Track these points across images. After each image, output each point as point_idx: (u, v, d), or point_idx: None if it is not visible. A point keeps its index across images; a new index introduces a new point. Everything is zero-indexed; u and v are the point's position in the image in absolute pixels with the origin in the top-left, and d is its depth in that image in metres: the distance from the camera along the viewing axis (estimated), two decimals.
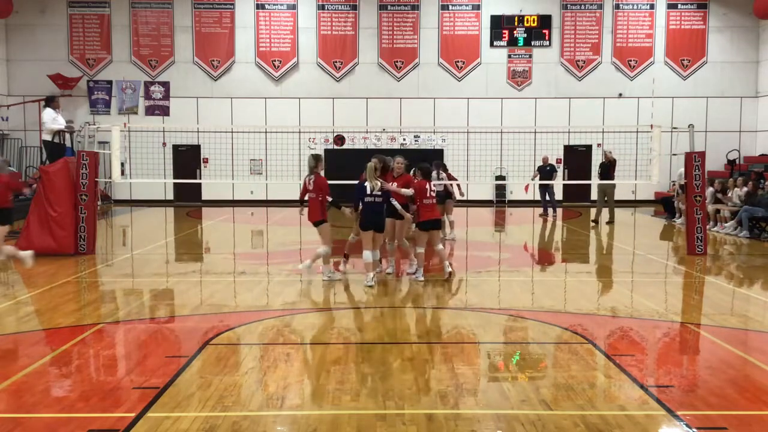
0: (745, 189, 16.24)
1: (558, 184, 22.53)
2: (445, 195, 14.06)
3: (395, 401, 5.10)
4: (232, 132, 23.93)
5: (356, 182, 9.94)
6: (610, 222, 18.09)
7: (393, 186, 9.87)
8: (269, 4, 25.48)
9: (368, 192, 9.49)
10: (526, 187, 21.85)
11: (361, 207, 9.54)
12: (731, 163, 23.49)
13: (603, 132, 24.00)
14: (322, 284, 9.72)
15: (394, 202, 9.71)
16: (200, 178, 24.97)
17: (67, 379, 5.77)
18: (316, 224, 9.77)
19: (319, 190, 9.63)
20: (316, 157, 9.87)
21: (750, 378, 5.78)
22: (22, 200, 19.69)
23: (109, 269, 11.27)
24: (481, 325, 7.48)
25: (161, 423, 4.66)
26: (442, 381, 5.57)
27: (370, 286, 9.35)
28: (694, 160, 12.66)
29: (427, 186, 9.84)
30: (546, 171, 20.23)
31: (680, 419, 4.79)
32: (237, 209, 23.63)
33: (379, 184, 9.52)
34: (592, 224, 18.08)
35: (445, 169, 14.81)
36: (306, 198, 9.82)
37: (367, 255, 9.55)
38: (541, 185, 20.42)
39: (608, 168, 18.15)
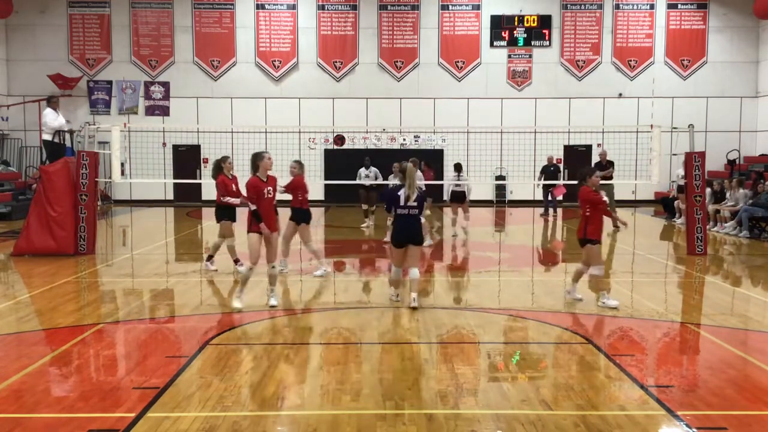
0: (742, 191, 16.22)
1: (558, 184, 22.46)
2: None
3: (395, 401, 5.10)
4: (232, 132, 23.88)
5: (355, 182, 9.84)
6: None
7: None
8: (269, 4, 25.47)
9: (402, 203, 8.11)
10: (560, 190, 20.91)
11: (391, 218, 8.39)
12: (731, 163, 23.48)
13: (603, 132, 23.98)
14: (322, 285, 9.70)
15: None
16: (200, 178, 24.93)
17: (67, 379, 5.77)
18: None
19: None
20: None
21: (750, 378, 5.78)
22: (22, 200, 19.74)
23: (109, 269, 11.27)
24: (481, 325, 7.48)
25: (161, 423, 4.67)
26: (442, 381, 5.57)
27: (396, 301, 8.37)
28: (694, 160, 12.66)
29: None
30: (551, 171, 20.22)
31: (680, 419, 4.79)
32: (237, 209, 23.59)
33: (416, 192, 8.16)
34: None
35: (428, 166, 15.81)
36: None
37: (395, 272, 8.32)
38: (544, 185, 20.38)
39: (606, 169, 17.72)
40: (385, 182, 15.37)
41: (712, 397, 5.26)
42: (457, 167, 15.46)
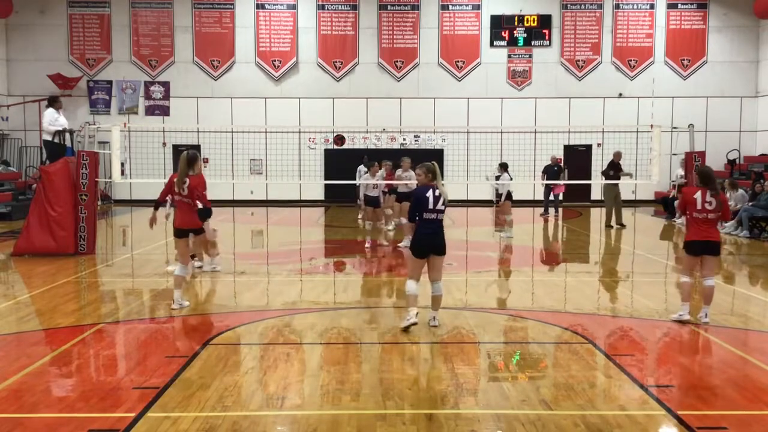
0: (737, 192, 16.22)
1: (560, 184, 22.47)
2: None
3: (395, 401, 5.10)
4: (232, 132, 23.91)
5: (354, 182, 9.75)
6: (622, 226, 17.25)
7: None
8: (269, 4, 25.47)
9: (431, 205, 7.06)
10: (560, 188, 20.86)
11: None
12: (731, 163, 23.48)
13: (603, 132, 23.98)
14: (321, 284, 9.71)
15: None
16: None
17: (67, 379, 5.77)
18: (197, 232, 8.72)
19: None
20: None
21: (750, 378, 5.78)
22: (22, 200, 19.73)
23: (109, 269, 11.27)
24: (481, 325, 7.48)
25: (161, 423, 4.67)
26: (442, 381, 5.57)
27: (408, 326, 7.10)
28: (694, 159, 12.66)
29: None
30: (554, 171, 20.21)
31: (680, 419, 4.79)
32: (237, 209, 23.62)
33: (447, 193, 7.22)
34: (609, 227, 17.12)
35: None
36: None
37: (411, 286, 7.17)
38: (546, 185, 20.37)
39: (617, 169, 17.64)
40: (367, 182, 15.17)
41: (712, 397, 5.26)
42: (504, 166, 15.52)
